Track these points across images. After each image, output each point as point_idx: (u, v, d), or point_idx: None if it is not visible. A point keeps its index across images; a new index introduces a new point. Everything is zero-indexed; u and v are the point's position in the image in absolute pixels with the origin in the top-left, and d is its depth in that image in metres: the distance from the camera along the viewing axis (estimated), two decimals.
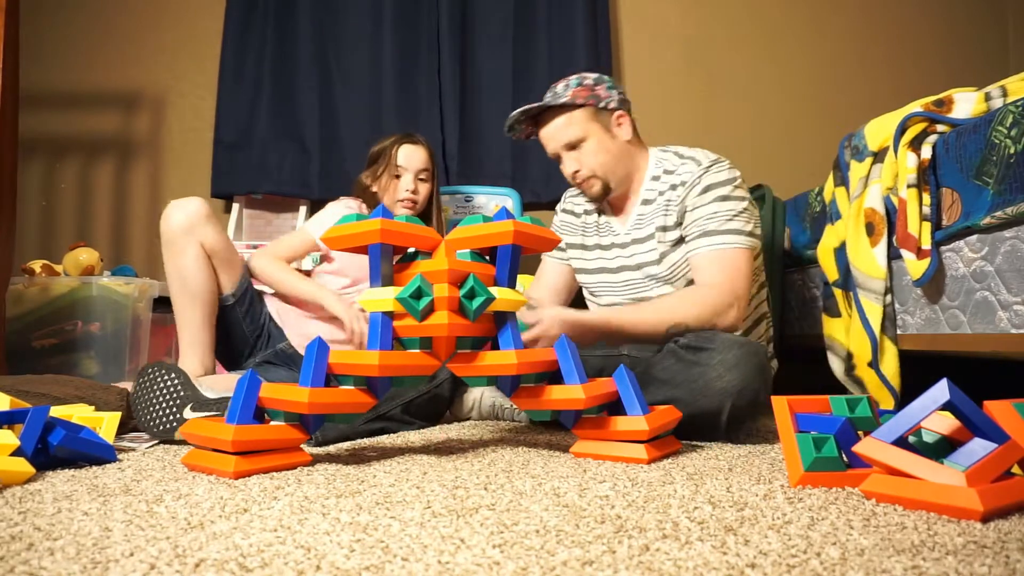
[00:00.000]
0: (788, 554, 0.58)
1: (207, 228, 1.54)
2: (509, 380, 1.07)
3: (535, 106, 1.44)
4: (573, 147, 1.44)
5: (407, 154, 1.78)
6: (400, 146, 1.78)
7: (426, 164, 1.80)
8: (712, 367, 1.21)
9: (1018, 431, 0.75)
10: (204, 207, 1.56)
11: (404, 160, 1.77)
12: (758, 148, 2.71)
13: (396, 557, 0.57)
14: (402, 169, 1.77)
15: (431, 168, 1.81)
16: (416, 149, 1.79)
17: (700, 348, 1.26)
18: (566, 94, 1.43)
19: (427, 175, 1.81)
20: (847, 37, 2.79)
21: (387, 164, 1.77)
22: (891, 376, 1.47)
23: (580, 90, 1.43)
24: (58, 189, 2.56)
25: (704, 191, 1.37)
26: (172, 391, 1.22)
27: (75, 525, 0.67)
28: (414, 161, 1.78)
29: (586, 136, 1.42)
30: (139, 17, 2.62)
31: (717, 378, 1.20)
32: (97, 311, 2.05)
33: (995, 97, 1.36)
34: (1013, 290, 1.20)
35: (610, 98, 1.44)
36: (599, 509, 0.74)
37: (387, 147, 1.79)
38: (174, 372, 1.24)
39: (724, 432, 1.22)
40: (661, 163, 1.48)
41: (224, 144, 2.49)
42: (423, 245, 1.07)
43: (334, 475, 0.93)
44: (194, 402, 1.20)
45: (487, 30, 2.58)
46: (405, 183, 1.76)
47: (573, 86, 1.44)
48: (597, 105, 1.43)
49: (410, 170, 1.77)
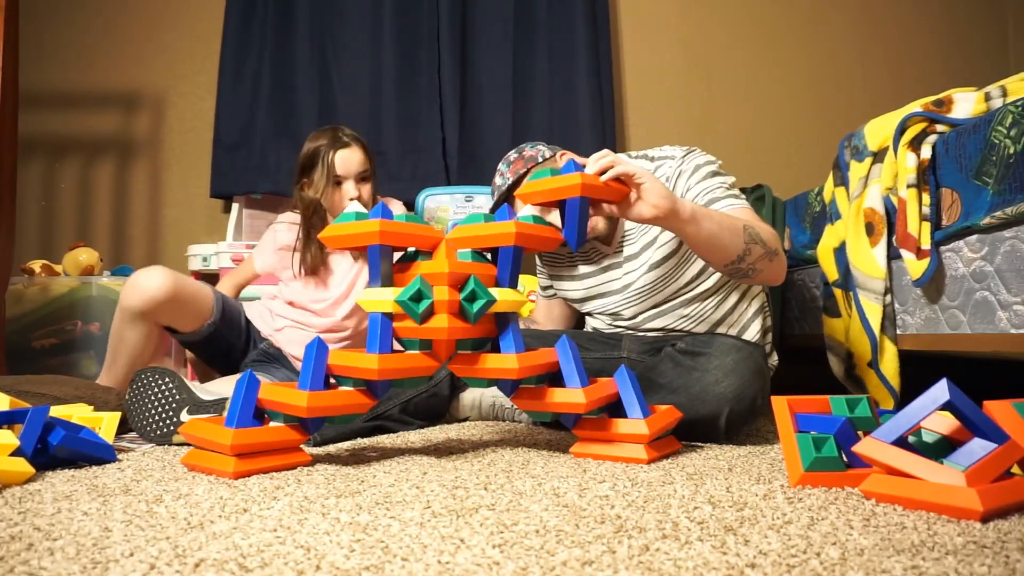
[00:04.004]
0: (788, 554, 0.58)
1: (165, 308, 1.48)
2: (510, 381, 1.07)
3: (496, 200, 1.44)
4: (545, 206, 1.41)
5: (344, 159, 1.68)
6: (335, 152, 1.68)
7: (364, 164, 1.71)
8: (710, 372, 1.21)
9: (1018, 431, 0.75)
10: (165, 288, 1.46)
11: (342, 168, 1.67)
12: (758, 148, 2.71)
13: (396, 557, 0.57)
14: (342, 176, 1.68)
15: (369, 166, 1.73)
16: (352, 152, 1.69)
17: (698, 353, 1.25)
18: (508, 174, 1.42)
19: (367, 174, 1.72)
20: (847, 37, 2.79)
21: (325, 173, 1.67)
22: (891, 376, 1.47)
23: (516, 164, 1.42)
24: (58, 189, 2.56)
25: (694, 171, 1.35)
26: (168, 395, 1.21)
27: (75, 525, 0.67)
28: (352, 165, 1.68)
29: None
30: (139, 17, 2.62)
31: (715, 383, 1.19)
32: (97, 311, 2.05)
33: (995, 97, 1.36)
34: (1013, 290, 1.20)
35: (541, 151, 1.42)
36: (599, 509, 0.74)
37: (320, 154, 1.68)
38: (168, 376, 1.23)
39: (724, 437, 1.22)
40: None
41: (224, 144, 2.49)
42: (423, 245, 1.07)
43: (334, 475, 0.93)
44: (191, 404, 1.20)
45: (487, 29, 2.58)
46: (348, 191, 1.68)
47: (506, 169, 1.43)
48: (537, 161, 1.41)
49: (350, 176, 1.68)
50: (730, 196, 1.32)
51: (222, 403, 1.18)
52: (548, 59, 2.57)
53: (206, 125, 2.55)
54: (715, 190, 1.32)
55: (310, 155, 1.70)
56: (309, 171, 1.71)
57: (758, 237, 1.19)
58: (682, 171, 1.36)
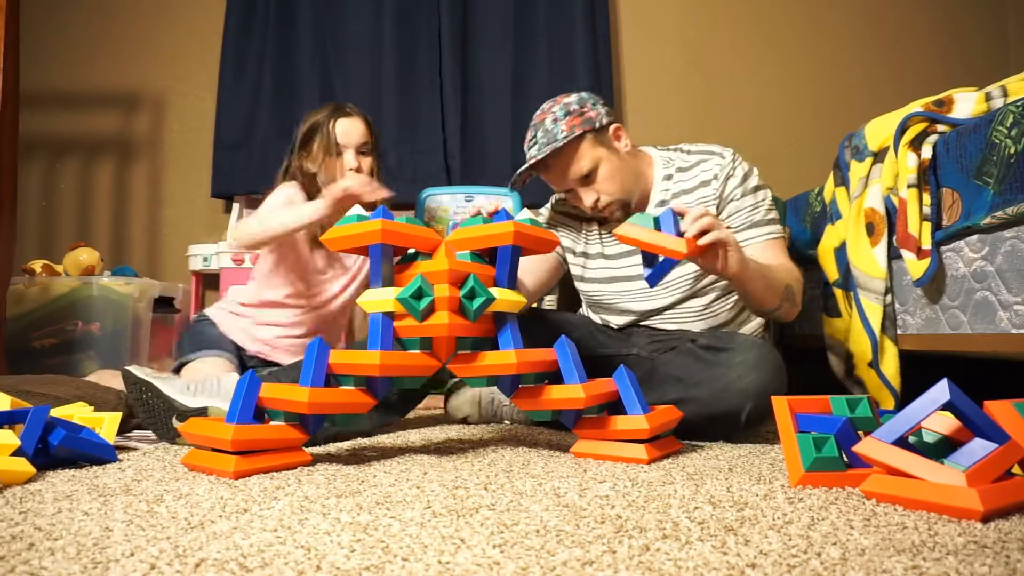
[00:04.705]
0: (788, 554, 0.58)
1: None
2: (509, 381, 1.07)
3: (538, 158, 1.34)
4: (586, 179, 1.37)
5: (345, 129, 1.60)
6: (335, 121, 1.61)
7: (366, 136, 1.63)
8: (733, 367, 1.22)
9: (1018, 431, 0.75)
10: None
11: (343, 136, 1.60)
12: (758, 148, 2.70)
13: (396, 557, 0.57)
14: (342, 146, 1.60)
15: (371, 140, 1.65)
16: (353, 122, 1.62)
17: (720, 348, 1.26)
18: (561, 130, 1.33)
19: (368, 147, 1.64)
20: (847, 37, 2.79)
21: (325, 142, 1.60)
22: (891, 376, 1.47)
23: (572, 119, 1.34)
24: (58, 189, 2.56)
25: (742, 180, 1.38)
26: (149, 402, 1.21)
27: (75, 525, 0.67)
28: (353, 135, 1.61)
29: (596, 164, 1.35)
30: (139, 17, 2.62)
31: (739, 378, 1.21)
32: (97, 311, 2.05)
33: (995, 97, 1.36)
34: (1013, 290, 1.20)
35: (600, 115, 1.37)
36: (599, 509, 0.74)
37: (320, 123, 1.61)
38: (143, 385, 1.21)
39: (743, 431, 1.23)
40: (671, 162, 1.44)
41: (224, 144, 2.49)
42: (423, 246, 1.08)
43: (334, 475, 0.93)
44: (175, 412, 1.18)
45: (487, 29, 2.58)
46: (348, 161, 1.60)
47: (563, 118, 1.34)
48: (594, 128, 1.35)
49: (350, 146, 1.60)
50: (767, 222, 1.38)
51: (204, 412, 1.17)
52: (548, 59, 2.57)
53: (206, 125, 2.55)
54: (757, 210, 1.38)
55: (310, 127, 1.64)
56: (307, 143, 1.63)
57: (792, 298, 1.31)
58: (732, 175, 1.39)
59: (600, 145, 1.36)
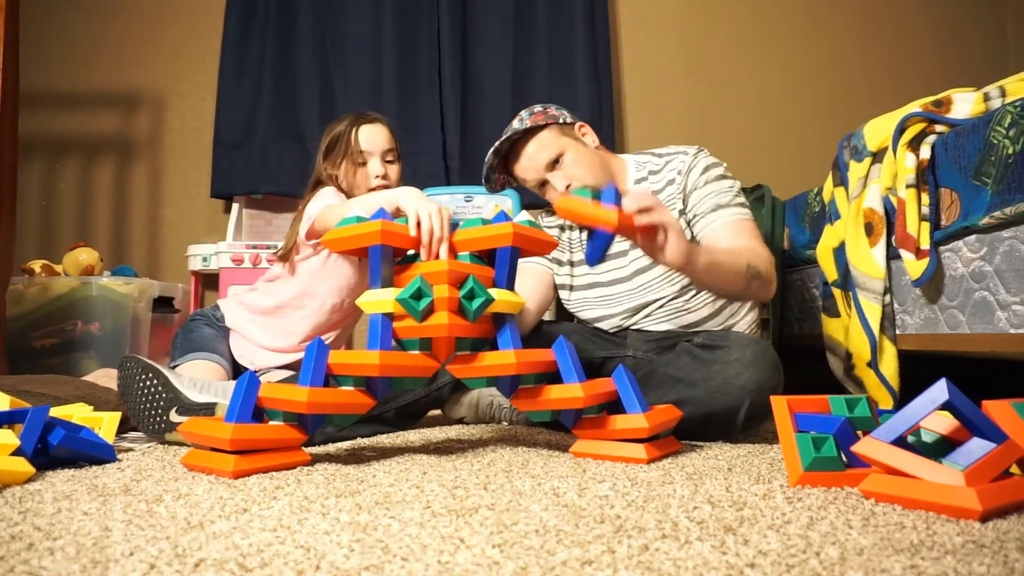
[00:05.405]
0: (787, 554, 0.58)
1: None
2: (508, 381, 1.07)
3: (503, 140, 1.41)
4: (554, 165, 1.41)
5: (368, 136, 1.56)
6: (358, 128, 1.57)
7: (391, 143, 1.60)
8: (730, 364, 1.22)
9: (1017, 431, 0.75)
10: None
11: (367, 143, 1.56)
12: (758, 148, 2.71)
13: (396, 557, 0.57)
14: (367, 154, 1.56)
15: (395, 147, 1.61)
16: (377, 128, 1.58)
17: (716, 346, 1.27)
18: (527, 120, 1.42)
19: (393, 155, 1.60)
20: (847, 37, 2.79)
21: (347, 151, 1.56)
22: (890, 376, 1.47)
23: (536, 116, 1.42)
24: (58, 189, 2.56)
25: (704, 171, 1.40)
26: (153, 391, 1.18)
27: (75, 525, 0.67)
28: (377, 142, 1.57)
29: (563, 150, 1.40)
30: (139, 17, 2.62)
31: (736, 375, 1.21)
32: (97, 311, 2.05)
33: (994, 97, 1.36)
34: (1012, 290, 1.20)
35: (564, 115, 1.45)
36: (599, 509, 0.74)
37: (343, 131, 1.57)
38: (151, 372, 1.19)
39: (740, 429, 1.23)
40: (642, 166, 1.48)
41: (224, 144, 2.49)
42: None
43: (334, 475, 0.93)
44: (179, 405, 1.17)
45: (487, 29, 2.58)
46: (373, 168, 1.56)
47: (528, 117, 1.43)
48: (558, 121, 1.43)
49: (375, 153, 1.56)
50: (736, 204, 1.38)
51: (212, 407, 1.17)
52: (548, 59, 2.57)
53: (206, 125, 2.55)
54: (722, 194, 1.38)
55: (333, 137, 1.59)
56: (331, 150, 1.59)
57: (756, 273, 1.27)
58: (693, 167, 1.41)
59: (565, 135, 1.43)
